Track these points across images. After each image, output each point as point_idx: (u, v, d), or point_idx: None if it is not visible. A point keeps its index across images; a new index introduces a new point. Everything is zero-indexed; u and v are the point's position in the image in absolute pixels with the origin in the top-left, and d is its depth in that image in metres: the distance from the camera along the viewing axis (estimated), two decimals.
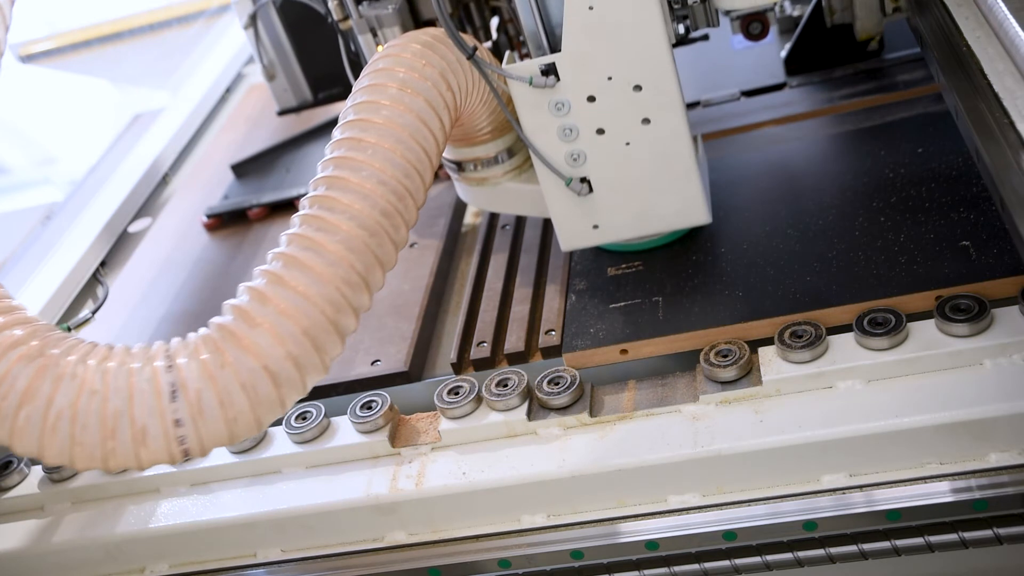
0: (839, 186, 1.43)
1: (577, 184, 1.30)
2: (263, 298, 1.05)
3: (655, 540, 1.14)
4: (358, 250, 1.08)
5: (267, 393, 1.03)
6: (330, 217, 1.08)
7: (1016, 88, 1.11)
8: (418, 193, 1.15)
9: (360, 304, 1.09)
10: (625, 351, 1.28)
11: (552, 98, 1.25)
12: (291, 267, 1.06)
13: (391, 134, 1.13)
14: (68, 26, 3.64)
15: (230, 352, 1.03)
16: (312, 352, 1.05)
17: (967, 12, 1.22)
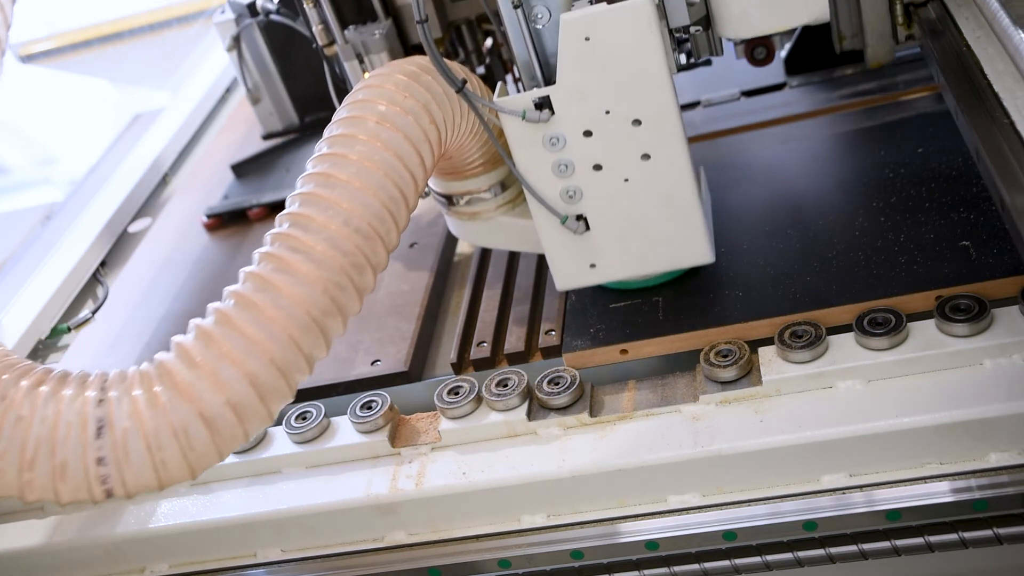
0: (839, 186, 1.43)
1: (573, 222, 1.24)
2: (208, 338, 1.00)
3: (655, 540, 1.14)
4: (316, 295, 1.03)
5: (201, 440, 0.99)
6: (290, 257, 1.03)
7: (1016, 88, 1.11)
8: (389, 235, 1.10)
9: (314, 351, 1.04)
10: (625, 351, 1.28)
11: (546, 132, 1.19)
12: (243, 307, 1.01)
13: (364, 172, 1.09)
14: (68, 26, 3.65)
15: (164, 393, 0.98)
16: (256, 400, 1.00)
17: (967, 12, 1.22)
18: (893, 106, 1.57)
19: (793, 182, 1.48)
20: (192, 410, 0.98)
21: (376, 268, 1.09)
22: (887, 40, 1.32)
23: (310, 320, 1.02)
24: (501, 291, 1.46)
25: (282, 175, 1.99)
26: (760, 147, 1.59)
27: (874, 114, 1.56)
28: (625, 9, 1.12)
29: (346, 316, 1.07)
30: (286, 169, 2.01)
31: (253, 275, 1.04)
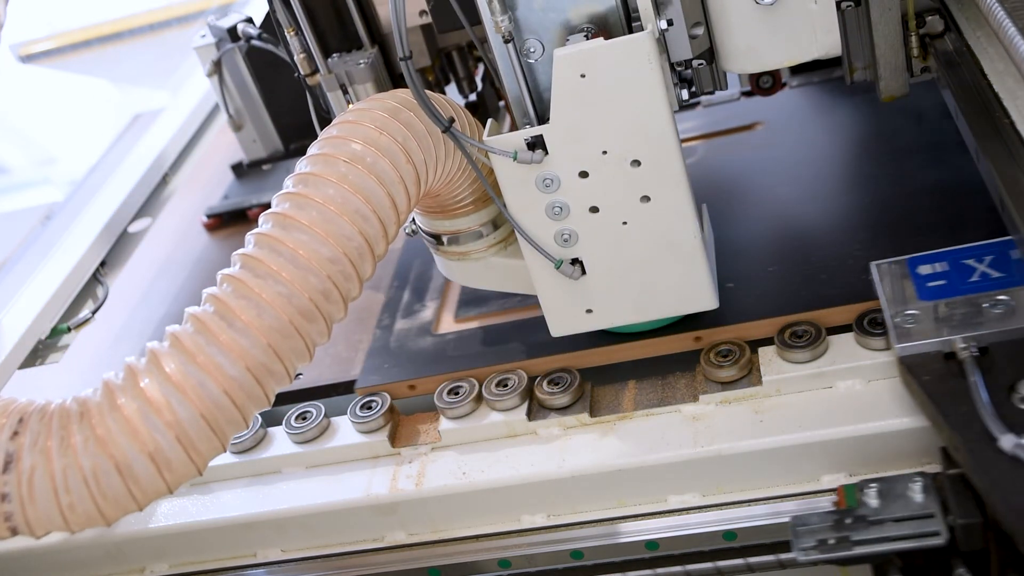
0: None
1: (568, 267, 1.18)
2: (134, 379, 0.97)
3: (655, 540, 1.14)
4: (258, 347, 0.99)
5: (115, 488, 0.96)
6: (234, 304, 1.00)
7: (1016, 88, 1.11)
8: (348, 283, 1.05)
9: (253, 401, 1.01)
10: (413, 386, 1.30)
11: (539, 173, 1.13)
12: (177, 351, 0.98)
13: (328, 217, 1.04)
14: (68, 26, 3.65)
15: (78, 435, 0.95)
16: (179, 450, 0.97)
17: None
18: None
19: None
20: (105, 457, 0.95)
21: (330, 319, 1.05)
22: (901, 73, 1.26)
23: (248, 375, 0.99)
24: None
25: (282, 175, 1.98)
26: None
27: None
28: (623, 44, 1.05)
29: (291, 366, 1.03)
30: (286, 171, 2.00)
31: (195, 317, 1.00)
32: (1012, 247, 1.12)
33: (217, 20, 1.71)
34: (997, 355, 1.02)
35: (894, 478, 1.04)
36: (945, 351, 1.04)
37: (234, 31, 1.67)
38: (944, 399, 1.00)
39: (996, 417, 0.94)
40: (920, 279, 1.13)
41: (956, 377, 1.01)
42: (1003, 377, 0.99)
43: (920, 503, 1.01)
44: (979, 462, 0.93)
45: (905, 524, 0.99)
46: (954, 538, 0.99)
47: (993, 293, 1.07)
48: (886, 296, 1.12)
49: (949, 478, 1.01)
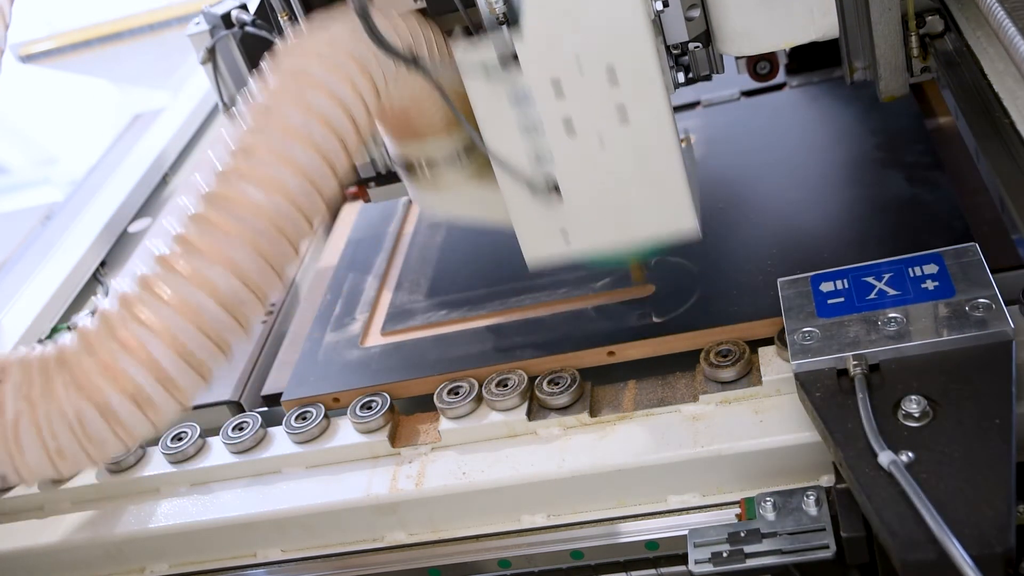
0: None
1: (542, 189, 1.14)
2: (107, 322, 0.97)
3: (655, 540, 1.14)
4: (225, 278, 0.98)
5: (100, 431, 0.97)
6: (198, 239, 0.98)
7: (1016, 88, 1.11)
8: (311, 205, 1.02)
9: (228, 331, 1.00)
10: (337, 399, 1.31)
11: (512, 88, 1.08)
12: (146, 292, 0.97)
13: (284, 142, 1.01)
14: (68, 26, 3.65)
15: (59, 381, 0.96)
16: (159, 389, 0.97)
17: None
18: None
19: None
20: (85, 400, 0.95)
21: (295, 242, 1.02)
22: (901, 73, 1.26)
23: (217, 305, 0.98)
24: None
25: None
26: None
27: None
28: None
29: (261, 295, 1.02)
30: None
31: (161, 258, 0.99)
32: (911, 264, 1.14)
33: (211, 7, 1.71)
34: (887, 372, 1.04)
35: (790, 492, 1.06)
36: (839, 368, 1.06)
37: (228, 18, 1.67)
38: (832, 415, 1.02)
39: (877, 433, 0.96)
40: (821, 296, 1.14)
41: (846, 394, 1.03)
42: (891, 394, 1.01)
43: (813, 516, 1.03)
44: (859, 477, 0.94)
45: (797, 537, 1.02)
46: (843, 551, 1.01)
47: (887, 311, 1.09)
48: (788, 313, 1.14)
49: (839, 492, 1.04)
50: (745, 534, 1.03)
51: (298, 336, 1.53)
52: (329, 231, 1.83)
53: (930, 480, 0.91)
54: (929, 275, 1.12)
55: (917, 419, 0.97)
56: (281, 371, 1.47)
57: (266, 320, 1.60)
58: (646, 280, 1.35)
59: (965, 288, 1.08)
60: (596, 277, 1.39)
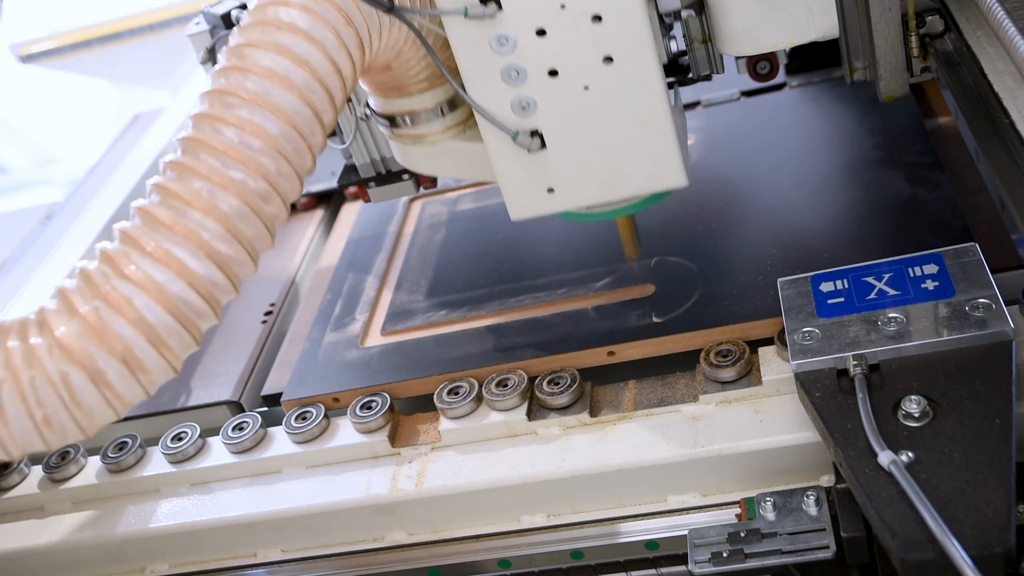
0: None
1: (526, 138, 1.09)
2: (90, 281, 0.93)
3: (655, 540, 1.14)
4: (215, 234, 0.95)
5: (89, 396, 0.94)
6: (184, 191, 0.94)
7: (1016, 88, 1.11)
8: (300, 157, 1.00)
9: (218, 290, 0.97)
10: (337, 399, 1.31)
11: (493, 32, 1.04)
12: (131, 248, 0.93)
13: (270, 90, 0.97)
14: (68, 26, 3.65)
15: (41, 344, 0.92)
16: (149, 350, 0.94)
17: (967, 12, 1.22)
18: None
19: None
20: (74, 363, 0.92)
21: (285, 197, 1.00)
22: (901, 73, 1.25)
23: (208, 262, 0.95)
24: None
25: None
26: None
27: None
28: None
29: (252, 252, 0.99)
30: None
31: (143, 211, 0.96)
32: (911, 264, 1.14)
33: (211, 7, 1.71)
34: (887, 372, 1.04)
35: (790, 492, 1.06)
36: (839, 368, 1.06)
37: (228, 18, 1.67)
38: (832, 415, 1.02)
39: (877, 434, 0.96)
40: (821, 296, 1.15)
41: (846, 394, 1.03)
42: (891, 394, 1.01)
43: (813, 516, 1.03)
44: (858, 477, 0.94)
45: (797, 537, 1.02)
46: (843, 551, 1.01)
47: (887, 311, 1.09)
48: (788, 313, 1.14)
49: (839, 492, 1.04)
50: (745, 534, 1.03)
51: (298, 336, 1.53)
52: (329, 231, 1.83)
53: (930, 480, 0.92)
54: (929, 275, 1.12)
55: (917, 419, 0.97)
56: (281, 371, 1.47)
57: (266, 320, 1.60)
58: (640, 252, 1.33)
59: (965, 288, 1.08)
60: (596, 277, 1.39)
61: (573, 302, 1.37)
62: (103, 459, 1.33)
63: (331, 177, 1.89)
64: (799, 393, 1.07)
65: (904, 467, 0.92)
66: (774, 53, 1.28)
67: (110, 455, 1.33)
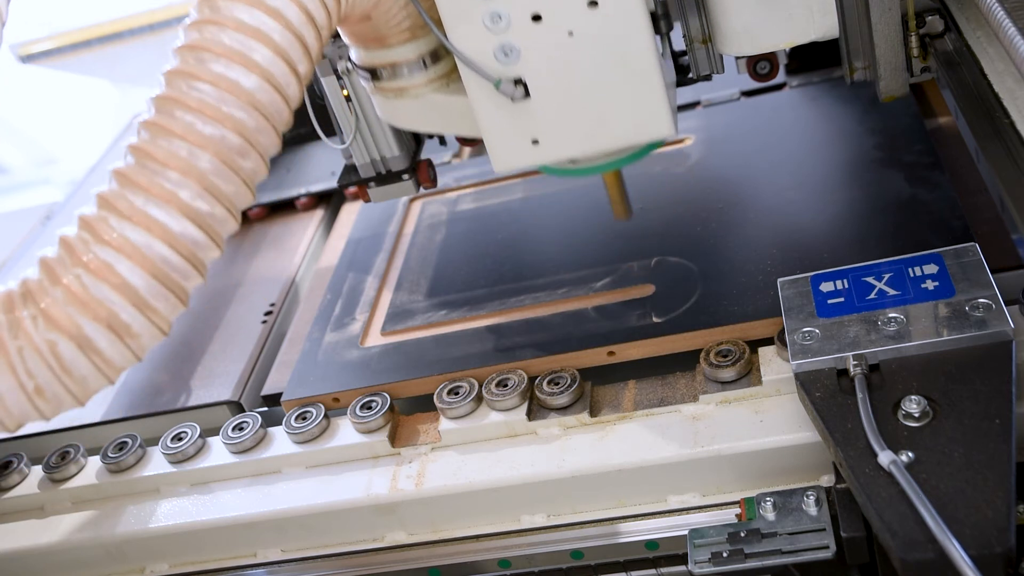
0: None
1: (509, 86, 1.07)
2: (70, 250, 0.93)
3: (655, 540, 1.14)
4: (194, 193, 0.93)
5: (79, 364, 0.93)
6: (159, 152, 0.93)
7: (1016, 88, 1.11)
8: (276, 111, 0.98)
9: (201, 250, 0.96)
10: (337, 399, 1.31)
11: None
12: (110, 212, 0.93)
13: (242, 43, 0.95)
14: (68, 26, 3.65)
15: (25, 314, 0.92)
16: (135, 314, 0.93)
17: (967, 12, 1.22)
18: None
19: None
20: (60, 332, 0.91)
21: (264, 151, 0.98)
22: (901, 73, 1.25)
23: (188, 222, 0.94)
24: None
25: (282, 175, 1.99)
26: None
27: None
28: None
29: (232, 209, 0.98)
30: (286, 169, 2.01)
31: (120, 173, 0.95)
32: (911, 264, 1.14)
33: None
34: (887, 372, 1.04)
35: (790, 492, 1.06)
36: (839, 368, 1.06)
37: None
38: (832, 415, 1.02)
39: (877, 434, 0.96)
40: (821, 296, 1.15)
41: (846, 394, 1.03)
42: (891, 394, 1.01)
43: (813, 516, 1.03)
44: (859, 477, 0.94)
45: (797, 537, 1.02)
46: (843, 551, 1.01)
47: (887, 311, 1.09)
48: (788, 313, 1.14)
49: (839, 492, 1.04)
50: (745, 534, 1.03)
51: (298, 336, 1.53)
52: (329, 231, 1.84)
53: (930, 480, 0.92)
54: (929, 275, 1.12)
55: (917, 419, 0.97)
56: (281, 371, 1.47)
57: (266, 320, 1.60)
58: (629, 211, 1.30)
59: (965, 288, 1.08)
60: (596, 277, 1.39)
61: (573, 302, 1.37)
62: (103, 459, 1.33)
63: (331, 177, 1.90)
64: (799, 393, 1.07)
65: (904, 467, 0.92)
66: (774, 53, 1.27)
67: (110, 455, 1.33)
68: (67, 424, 1.48)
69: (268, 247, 1.81)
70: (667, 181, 1.57)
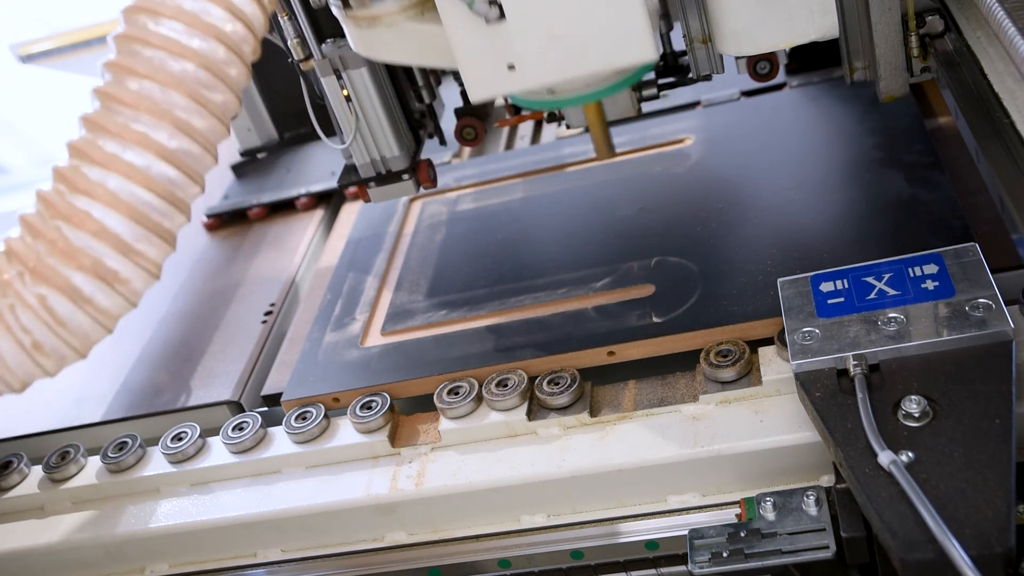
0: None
1: (483, 5, 1.03)
2: (46, 203, 0.93)
3: (655, 540, 1.14)
4: (165, 131, 0.92)
5: (72, 315, 0.93)
6: (125, 95, 0.91)
7: (1016, 88, 1.11)
8: (241, 43, 0.96)
9: (180, 188, 0.95)
10: (337, 399, 1.30)
11: None
12: (83, 161, 0.92)
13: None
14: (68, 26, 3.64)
15: (11, 273, 0.92)
16: (120, 259, 0.93)
17: (967, 12, 1.22)
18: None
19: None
20: (47, 285, 0.91)
21: (234, 83, 0.96)
22: (901, 73, 1.25)
23: (161, 162, 0.93)
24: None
25: (282, 175, 1.99)
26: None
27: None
28: None
29: (208, 145, 0.96)
30: (286, 169, 2.01)
31: (89, 120, 0.94)
32: (911, 264, 1.14)
33: None
34: (887, 372, 1.04)
35: (790, 492, 1.06)
36: (839, 368, 1.06)
37: None
38: (832, 415, 1.02)
39: (877, 434, 0.96)
40: (821, 296, 1.15)
41: (846, 394, 1.03)
42: (891, 394, 1.01)
43: (814, 516, 1.03)
44: (858, 477, 0.94)
45: (797, 537, 1.02)
46: (843, 551, 1.01)
47: (887, 311, 1.09)
48: (788, 313, 1.14)
49: (839, 492, 1.04)
50: (745, 534, 1.03)
51: (298, 336, 1.53)
52: (329, 231, 1.84)
53: (930, 480, 0.92)
54: (929, 275, 1.12)
55: (917, 419, 0.97)
56: (281, 371, 1.47)
57: (266, 320, 1.60)
58: (612, 150, 1.25)
59: (965, 288, 1.08)
60: (596, 277, 1.39)
61: (573, 302, 1.37)
62: (103, 459, 1.33)
63: (331, 177, 1.90)
64: (799, 393, 1.07)
65: (904, 467, 0.92)
66: (774, 53, 1.27)
67: (110, 455, 1.33)
68: (67, 424, 1.48)
69: (268, 247, 1.81)
70: (667, 181, 1.57)
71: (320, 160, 1.98)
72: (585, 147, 1.71)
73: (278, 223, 1.88)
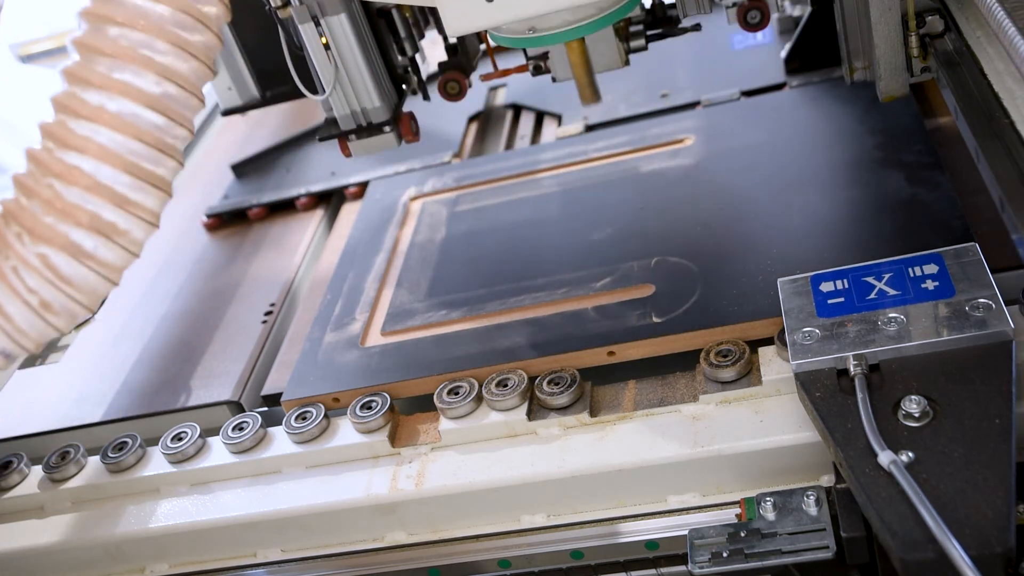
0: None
1: None
2: (36, 161, 0.92)
3: (655, 540, 1.14)
4: (150, 81, 0.91)
5: (76, 272, 0.93)
6: (107, 46, 0.90)
7: (1016, 88, 1.11)
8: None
9: (170, 136, 0.94)
10: (338, 400, 1.30)
11: None
12: (70, 116, 0.91)
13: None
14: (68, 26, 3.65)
15: (10, 234, 0.92)
16: (117, 211, 0.92)
17: (967, 12, 1.22)
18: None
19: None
20: (46, 243, 0.91)
21: (214, 22, 0.95)
22: (901, 73, 1.25)
23: (149, 110, 0.92)
24: None
25: (282, 175, 1.99)
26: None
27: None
28: None
29: (194, 90, 0.95)
30: (286, 169, 2.01)
31: (69, 72, 0.93)
32: (911, 264, 1.14)
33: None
34: (887, 372, 1.04)
35: (790, 492, 1.06)
36: (839, 368, 1.06)
37: None
38: (832, 415, 1.02)
39: (877, 434, 0.96)
40: (821, 296, 1.15)
41: (846, 394, 1.03)
42: (891, 394, 1.01)
43: (814, 516, 1.03)
44: (858, 477, 0.94)
45: (797, 537, 1.02)
46: (843, 551, 1.01)
47: (887, 311, 1.09)
48: (788, 313, 1.14)
49: (839, 492, 1.04)
50: (745, 534, 1.03)
51: (298, 336, 1.53)
52: (329, 231, 1.84)
53: (930, 480, 0.92)
54: (929, 275, 1.12)
55: (917, 419, 0.97)
56: (281, 371, 1.47)
57: (266, 320, 1.60)
58: (597, 95, 1.24)
59: (965, 288, 1.08)
60: (596, 277, 1.39)
61: (573, 302, 1.37)
62: (103, 459, 1.33)
63: (331, 177, 1.90)
64: (799, 393, 1.07)
65: (904, 467, 0.92)
66: (764, 1, 1.24)
67: (110, 455, 1.33)
68: (67, 424, 1.48)
69: (268, 247, 1.81)
70: (667, 181, 1.57)
71: (320, 160, 1.99)
72: (585, 147, 1.72)
73: (278, 223, 1.88)
